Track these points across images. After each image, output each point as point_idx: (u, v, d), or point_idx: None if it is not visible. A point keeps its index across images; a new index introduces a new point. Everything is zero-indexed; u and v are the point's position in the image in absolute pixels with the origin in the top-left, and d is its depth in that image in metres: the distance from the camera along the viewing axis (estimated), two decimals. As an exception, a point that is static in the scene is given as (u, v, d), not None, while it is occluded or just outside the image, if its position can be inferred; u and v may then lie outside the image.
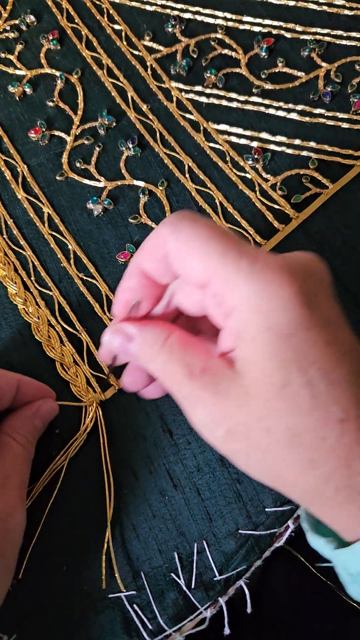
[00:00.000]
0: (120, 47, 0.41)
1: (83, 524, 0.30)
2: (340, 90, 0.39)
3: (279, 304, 0.20)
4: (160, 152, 0.38)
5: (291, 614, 0.29)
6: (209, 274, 0.21)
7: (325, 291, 0.22)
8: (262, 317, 0.20)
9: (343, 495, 0.20)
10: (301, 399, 0.19)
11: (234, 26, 0.41)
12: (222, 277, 0.21)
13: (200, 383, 0.21)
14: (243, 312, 0.20)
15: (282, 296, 0.20)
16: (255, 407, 0.20)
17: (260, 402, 0.20)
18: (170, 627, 0.28)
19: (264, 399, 0.20)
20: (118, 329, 0.25)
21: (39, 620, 0.28)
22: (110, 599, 0.29)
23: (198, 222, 0.22)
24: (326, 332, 0.20)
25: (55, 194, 0.37)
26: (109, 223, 0.36)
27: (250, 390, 0.20)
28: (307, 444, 0.20)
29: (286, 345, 0.19)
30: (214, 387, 0.21)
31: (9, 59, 0.41)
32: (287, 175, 0.37)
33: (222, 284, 0.21)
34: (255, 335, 0.20)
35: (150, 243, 0.23)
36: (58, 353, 0.33)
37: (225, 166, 0.37)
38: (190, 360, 0.22)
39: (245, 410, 0.20)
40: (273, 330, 0.20)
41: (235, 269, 0.20)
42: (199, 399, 0.21)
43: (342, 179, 0.36)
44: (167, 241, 0.22)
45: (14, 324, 0.34)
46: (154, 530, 0.30)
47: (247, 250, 0.21)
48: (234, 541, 0.29)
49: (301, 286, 0.20)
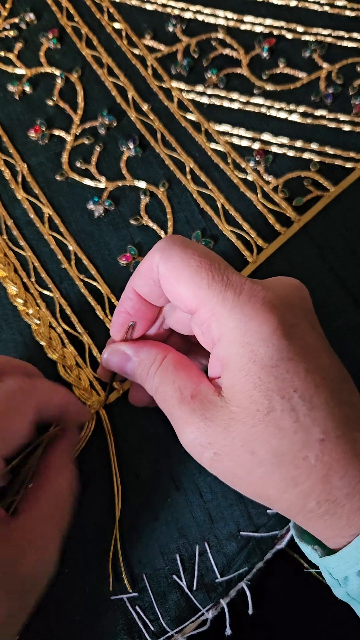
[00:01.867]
0: (120, 46, 0.40)
1: (85, 526, 0.30)
2: (341, 92, 0.39)
3: (262, 337, 0.21)
4: (161, 152, 0.38)
5: (292, 615, 0.29)
6: (197, 302, 0.23)
7: (307, 319, 0.23)
8: (246, 349, 0.21)
9: (324, 509, 0.21)
10: (284, 423, 0.21)
11: (235, 26, 0.41)
12: (208, 307, 0.22)
13: (190, 408, 0.23)
14: (228, 343, 0.22)
15: (264, 330, 0.21)
16: (240, 431, 0.22)
17: (246, 427, 0.21)
18: (172, 628, 0.28)
19: (249, 425, 0.21)
20: (116, 350, 0.27)
21: (41, 622, 0.28)
22: (112, 600, 0.29)
23: (188, 249, 0.23)
24: (307, 360, 0.22)
25: (56, 194, 0.37)
26: (110, 224, 0.36)
27: (236, 416, 0.22)
28: (290, 463, 0.21)
29: (270, 376, 0.21)
30: (202, 412, 0.22)
31: (9, 57, 0.41)
32: (288, 177, 0.37)
33: (208, 314, 0.23)
34: (241, 366, 0.22)
35: (144, 267, 0.25)
36: (59, 355, 0.33)
37: (226, 168, 0.37)
38: (182, 383, 0.24)
39: (231, 435, 0.22)
40: (257, 362, 0.21)
41: (221, 300, 0.22)
42: (188, 422, 0.23)
43: (344, 181, 0.36)
44: (158, 266, 0.24)
45: (15, 325, 0.34)
46: (156, 532, 0.30)
47: (233, 281, 0.22)
48: (235, 543, 0.29)
49: (282, 318, 0.22)
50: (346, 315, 0.33)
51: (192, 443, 0.23)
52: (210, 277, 0.22)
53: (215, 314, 0.22)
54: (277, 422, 0.21)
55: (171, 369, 0.25)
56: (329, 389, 0.22)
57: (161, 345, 0.27)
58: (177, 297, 0.24)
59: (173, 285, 0.23)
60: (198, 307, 0.23)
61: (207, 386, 0.23)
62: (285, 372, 0.21)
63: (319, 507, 0.21)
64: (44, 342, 0.33)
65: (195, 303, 0.23)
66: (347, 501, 0.21)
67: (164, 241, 0.24)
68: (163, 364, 0.25)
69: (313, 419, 0.21)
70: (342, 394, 0.22)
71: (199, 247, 0.24)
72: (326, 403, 0.21)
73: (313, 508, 0.22)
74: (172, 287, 0.24)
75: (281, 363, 0.21)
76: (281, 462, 0.21)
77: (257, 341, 0.21)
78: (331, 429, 0.21)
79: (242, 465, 0.22)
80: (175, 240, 0.24)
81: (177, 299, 0.24)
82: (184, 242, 0.24)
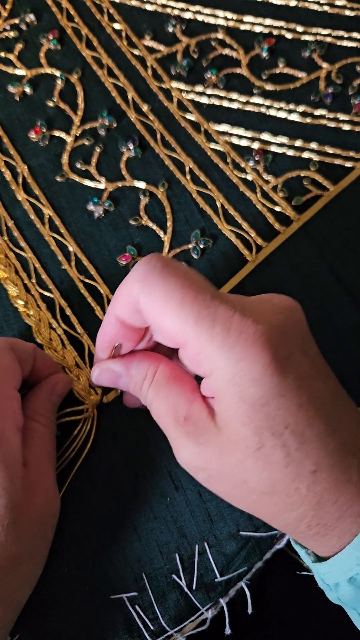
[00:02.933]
0: (120, 46, 0.41)
1: (84, 525, 0.30)
2: (341, 92, 0.39)
3: (252, 376, 0.20)
4: (161, 153, 0.38)
5: (291, 614, 0.29)
6: (184, 338, 0.22)
7: (301, 346, 0.22)
8: (236, 389, 0.21)
9: (315, 531, 0.22)
10: (275, 458, 0.21)
11: (234, 26, 0.41)
12: (196, 344, 0.21)
13: (184, 431, 0.23)
14: (218, 380, 0.21)
15: (255, 370, 0.20)
16: (232, 462, 0.21)
17: (237, 460, 0.21)
18: (172, 627, 0.28)
19: (240, 458, 0.21)
20: (105, 368, 0.26)
21: (42, 621, 0.28)
22: (112, 600, 0.29)
23: (169, 278, 0.22)
24: (299, 394, 0.21)
25: (56, 195, 0.37)
26: (110, 225, 0.36)
27: (227, 447, 0.21)
28: (282, 492, 0.21)
29: (259, 414, 0.21)
30: (196, 438, 0.22)
31: (9, 58, 0.41)
32: (288, 177, 0.37)
33: (196, 350, 0.22)
34: (230, 404, 0.21)
35: (123, 295, 0.23)
36: (59, 355, 0.33)
37: (226, 167, 0.37)
38: (175, 400, 0.23)
39: (223, 463, 0.22)
40: (246, 402, 0.21)
41: (209, 337, 0.21)
42: (182, 445, 0.23)
43: (343, 181, 0.36)
44: (138, 298, 0.22)
45: (16, 326, 0.34)
46: (155, 532, 0.30)
47: (221, 315, 0.21)
48: (234, 543, 0.29)
49: (275, 354, 0.21)
50: (345, 314, 0.33)
51: (186, 464, 0.23)
52: (197, 312, 0.21)
53: (204, 352, 0.21)
54: (268, 457, 0.21)
55: (164, 383, 0.24)
56: (322, 420, 0.21)
57: (152, 356, 0.26)
58: (161, 331, 0.23)
59: (157, 320, 0.22)
60: (185, 342, 0.22)
61: (200, 407, 0.23)
62: (276, 409, 0.20)
63: (310, 530, 0.22)
64: (44, 343, 0.33)
65: (182, 338, 0.22)
66: (338, 524, 0.21)
67: (142, 269, 0.22)
68: (155, 378, 0.24)
69: (305, 452, 0.21)
70: (338, 419, 0.22)
71: (181, 272, 0.22)
72: (319, 435, 0.21)
73: (304, 530, 0.22)
74: (156, 321, 0.22)
75: (272, 401, 0.20)
76: (273, 492, 0.21)
77: (248, 381, 0.20)
78: (324, 460, 0.21)
79: (235, 490, 0.22)
80: (155, 267, 0.22)
81: (162, 333, 0.23)
82: (164, 269, 0.22)
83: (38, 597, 0.28)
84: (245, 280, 0.34)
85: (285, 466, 0.21)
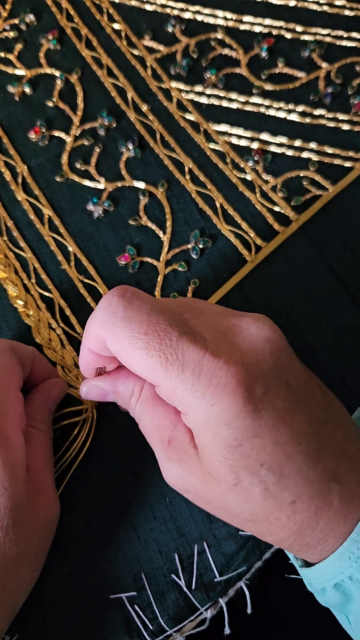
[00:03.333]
0: (120, 46, 0.41)
1: (83, 525, 0.30)
2: (340, 91, 0.39)
3: (225, 421, 0.20)
4: (161, 153, 0.38)
5: (291, 614, 0.29)
6: (155, 380, 0.22)
7: (280, 378, 0.21)
8: (210, 431, 0.21)
9: (296, 549, 0.23)
10: (253, 493, 0.21)
11: (234, 26, 0.41)
12: (168, 387, 0.21)
13: (168, 455, 0.23)
14: (192, 420, 0.21)
15: (228, 414, 0.20)
16: (214, 492, 0.22)
17: (218, 491, 0.22)
18: (171, 627, 0.28)
19: (220, 490, 0.22)
20: (92, 386, 0.26)
21: (41, 621, 0.28)
22: (111, 600, 0.29)
23: (131, 324, 0.21)
24: (274, 433, 0.20)
25: (55, 196, 0.37)
26: (109, 225, 0.36)
27: (208, 479, 0.22)
28: (263, 521, 0.22)
29: (234, 454, 0.20)
30: (179, 463, 0.23)
31: (9, 58, 0.41)
32: (287, 177, 0.37)
33: (169, 392, 0.21)
34: (206, 442, 0.21)
35: (92, 335, 0.23)
36: (59, 356, 0.33)
37: (225, 167, 0.37)
38: (160, 421, 0.24)
39: (205, 490, 0.22)
40: (220, 443, 0.20)
41: (180, 383, 0.21)
42: (167, 467, 0.23)
43: (343, 180, 0.36)
44: (105, 342, 0.22)
45: (15, 326, 0.34)
46: (155, 532, 0.30)
47: (190, 358, 0.20)
48: (234, 542, 0.29)
49: (249, 395, 0.20)
50: (345, 314, 0.33)
51: (172, 484, 0.24)
52: (164, 359, 0.21)
53: (176, 395, 0.21)
54: (246, 492, 0.21)
55: (150, 402, 0.24)
56: (302, 454, 0.21)
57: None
58: (134, 370, 0.22)
59: (127, 364, 0.22)
60: (157, 384, 0.22)
61: (183, 431, 0.23)
62: (250, 449, 0.20)
63: (292, 548, 0.23)
64: (44, 343, 0.33)
65: (154, 381, 0.22)
66: (320, 545, 0.22)
67: (104, 315, 0.22)
68: (142, 396, 0.24)
69: (283, 486, 0.21)
70: (320, 449, 0.21)
71: (144, 311, 0.21)
72: (298, 468, 0.21)
73: (287, 547, 0.23)
74: (127, 365, 0.22)
75: (246, 441, 0.20)
76: (254, 520, 0.22)
77: (221, 425, 0.20)
78: (303, 491, 0.21)
79: (219, 512, 0.23)
80: (115, 314, 0.21)
81: (134, 372, 0.22)
82: (126, 312, 0.21)
83: (37, 597, 0.28)
84: (244, 281, 0.34)
85: (264, 499, 0.21)
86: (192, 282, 0.34)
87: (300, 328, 0.33)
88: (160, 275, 0.35)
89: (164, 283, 0.34)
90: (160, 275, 0.35)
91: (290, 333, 0.33)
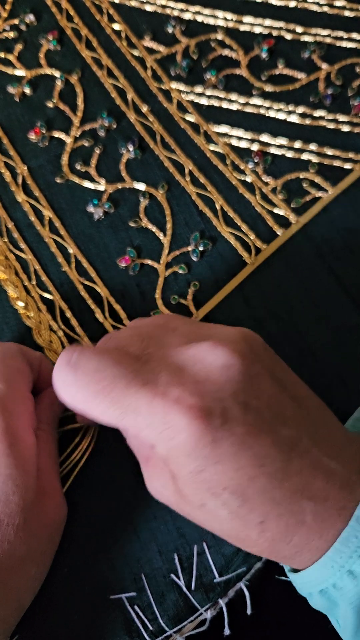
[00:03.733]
0: (120, 47, 0.41)
1: (84, 526, 0.30)
2: (340, 93, 0.39)
3: (185, 452, 0.21)
4: (161, 154, 0.38)
5: (291, 615, 0.29)
6: (120, 428, 0.24)
7: (238, 401, 0.21)
8: (173, 460, 0.22)
9: (275, 559, 0.23)
10: (219, 514, 0.22)
11: (234, 27, 0.41)
12: (131, 432, 0.24)
13: (148, 472, 0.24)
14: (159, 452, 0.22)
15: (186, 447, 0.21)
16: (185, 509, 0.23)
17: (190, 509, 0.23)
18: (171, 628, 0.28)
19: (191, 508, 0.23)
20: (81, 417, 0.29)
21: (41, 621, 0.29)
22: (111, 600, 0.29)
23: (82, 389, 0.22)
24: (235, 459, 0.21)
25: (56, 197, 0.37)
26: (110, 227, 0.36)
27: (180, 498, 0.23)
28: (234, 537, 0.23)
29: (198, 479, 0.21)
30: (157, 480, 0.24)
31: (9, 59, 0.41)
32: (287, 178, 0.37)
33: (134, 434, 0.23)
34: (172, 469, 0.22)
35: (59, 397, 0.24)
36: (59, 357, 0.33)
37: (225, 169, 0.37)
38: (140, 443, 0.25)
39: (180, 507, 0.23)
40: (183, 470, 0.21)
41: (138, 426, 0.22)
42: (148, 483, 0.25)
43: (343, 182, 0.36)
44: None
45: (16, 328, 0.34)
46: (154, 532, 0.30)
47: (141, 402, 0.21)
48: (233, 544, 0.29)
49: (204, 428, 0.20)
50: (345, 315, 0.33)
51: (154, 497, 0.25)
52: (118, 412, 0.22)
53: (140, 436, 0.22)
54: (213, 513, 0.22)
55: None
56: (266, 474, 0.21)
57: None
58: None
59: (93, 419, 0.23)
60: (123, 430, 0.25)
61: (158, 454, 0.23)
62: (212, 474, 0.21)
63: (271, 558, 0.23)
64: (45, 345, 0.33)
65: (120, 428, 0.24)
66: (297, 557, 0.22)
67: (57, 381, 0.23)
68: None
69: (249, 508, 0.21)
70: (286, 469, 0.21)
71: (90, 372, 0.22)
72: (263, 489, 0.21)
73: (267, 557, 0.24)
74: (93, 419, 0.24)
75: (208, 468, 0.21)
76: (228, 536, 0.23)
77: (181, 456, 0.21)
78: (271, 511, 0.21)
79: (199, 524, 0.24)
80: (65, 382, 0.23)
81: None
82: (75, 376, 0.22)
83: (37, 597, 0.28)
84: (244, 283, 0.34)
85: (231, 520, 0.21)
86: (193, 285, 0.34)
87: (301, 329, 0.33)
88: (161, 278, 0.35)
89: (164, 285, 0.35)
90: (161, 278, 0.35)
91: (290, 334, 0.33)
